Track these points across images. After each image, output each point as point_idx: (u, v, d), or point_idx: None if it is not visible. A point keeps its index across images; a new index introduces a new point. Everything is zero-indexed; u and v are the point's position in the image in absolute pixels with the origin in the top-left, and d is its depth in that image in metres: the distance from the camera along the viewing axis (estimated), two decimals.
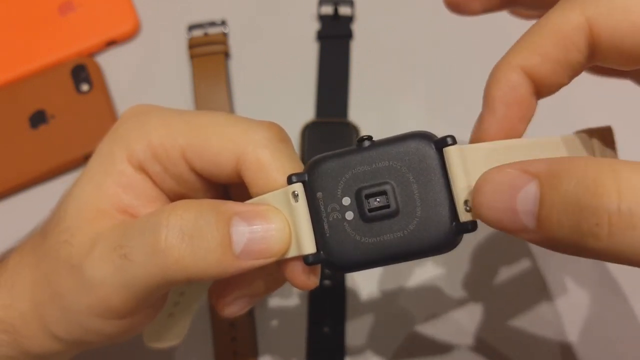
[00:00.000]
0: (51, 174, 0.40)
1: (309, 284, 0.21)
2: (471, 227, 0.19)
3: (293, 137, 0.31)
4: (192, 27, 0.43)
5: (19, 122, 0.41)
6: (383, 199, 0.20)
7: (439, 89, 0.41)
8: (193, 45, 0.43)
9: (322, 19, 0.43)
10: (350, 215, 0.20)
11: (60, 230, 0.22)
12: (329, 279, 0.36)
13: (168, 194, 0.23)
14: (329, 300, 0.36)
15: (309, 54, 0.43)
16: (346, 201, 0.20)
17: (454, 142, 0.19)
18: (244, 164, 0.21)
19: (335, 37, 0.43)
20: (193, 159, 0.22)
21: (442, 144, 0.19)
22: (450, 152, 0.19)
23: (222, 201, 0.21)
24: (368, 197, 0.20)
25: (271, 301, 0.37)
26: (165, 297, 0.24)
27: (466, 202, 0.19)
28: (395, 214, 0.20)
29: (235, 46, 0.43)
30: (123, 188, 0.22)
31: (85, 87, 0.42)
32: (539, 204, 0.16)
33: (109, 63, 0.44)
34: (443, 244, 0.19)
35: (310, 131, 0.39)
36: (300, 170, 0.21)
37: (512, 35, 0.21)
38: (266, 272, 0.23)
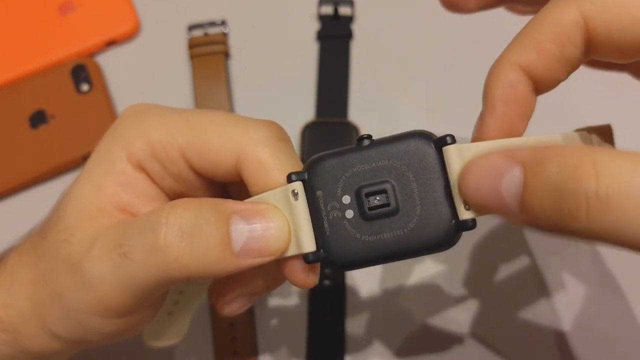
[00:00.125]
0: (51, 174, 0.40)
1: (308, 282, 0.21)
2: (470, 225, 0.19)
3: (293, 137, 0.31)
4: (192, 27, 0.43)
5: (19, 122, 0.41)
6: (383, 197, 0.20)
7: (439, 89, 0.41)
8: (193, 45, 0.43)
9: (322, 19, 0.43)
10: (350, 214, 0.20)
11: (59, 229, 0.22)
12: (328, 279, 0.36)
13: (167, 192, 0.23)
14: (329, 299, 0.36)
15: (309, 54, 0.43)
16: (346, 200, 0.20)
17: (453, 141, 0.19)
18: (244, 162, 0.21)
19: (335, 37, 0.43)
20: (192, 157, 0.22)
21: (441, 143, 0.20)
22: (450, 151, 0.19)
23: (221, 200, 0.21)
24: (368, 195, 0.20)
25: (271, 301, 0.37)
26: (165, 295, 0.24)
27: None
28: (395, 212, 0.20)
29: (235, 46, 0.43)
30: (122, 187, 0.22)
31: (85, 87, 0.42)
32: (522, 187, 0.17)
33: (109, 63, 0.44)
34: (442, 241, 0.20)
35: (310, 131, 0.39)
36: (300, 169, 0.21)
37: (512, 34, 0.21)
38: (266, 271, 0.23)
